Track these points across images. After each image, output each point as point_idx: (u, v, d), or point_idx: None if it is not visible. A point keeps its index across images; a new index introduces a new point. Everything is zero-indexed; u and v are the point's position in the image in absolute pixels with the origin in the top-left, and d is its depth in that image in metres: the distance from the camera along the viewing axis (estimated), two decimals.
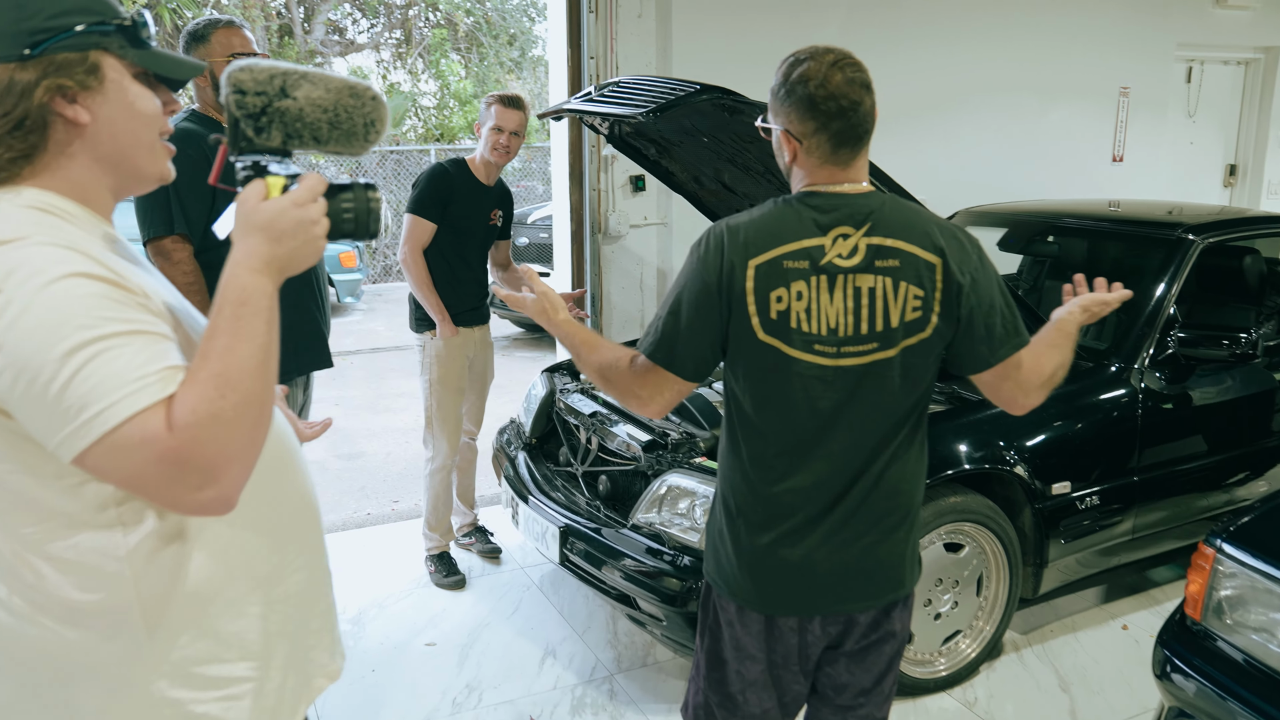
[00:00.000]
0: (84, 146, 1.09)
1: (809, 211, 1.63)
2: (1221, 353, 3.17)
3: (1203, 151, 6.71)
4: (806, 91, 1.60)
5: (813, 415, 1.63)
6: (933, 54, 5.31)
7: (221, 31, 2.61)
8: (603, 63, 4.39)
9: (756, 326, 1.61)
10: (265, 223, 1.05)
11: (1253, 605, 2.19)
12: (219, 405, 0.97)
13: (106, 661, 1.10)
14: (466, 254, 3.55)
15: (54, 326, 0.95)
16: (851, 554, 1.68)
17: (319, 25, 13.82)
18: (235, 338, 1.00)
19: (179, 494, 0.98)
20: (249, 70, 1.10)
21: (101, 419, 0.95)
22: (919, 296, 1.60)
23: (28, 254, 0.98)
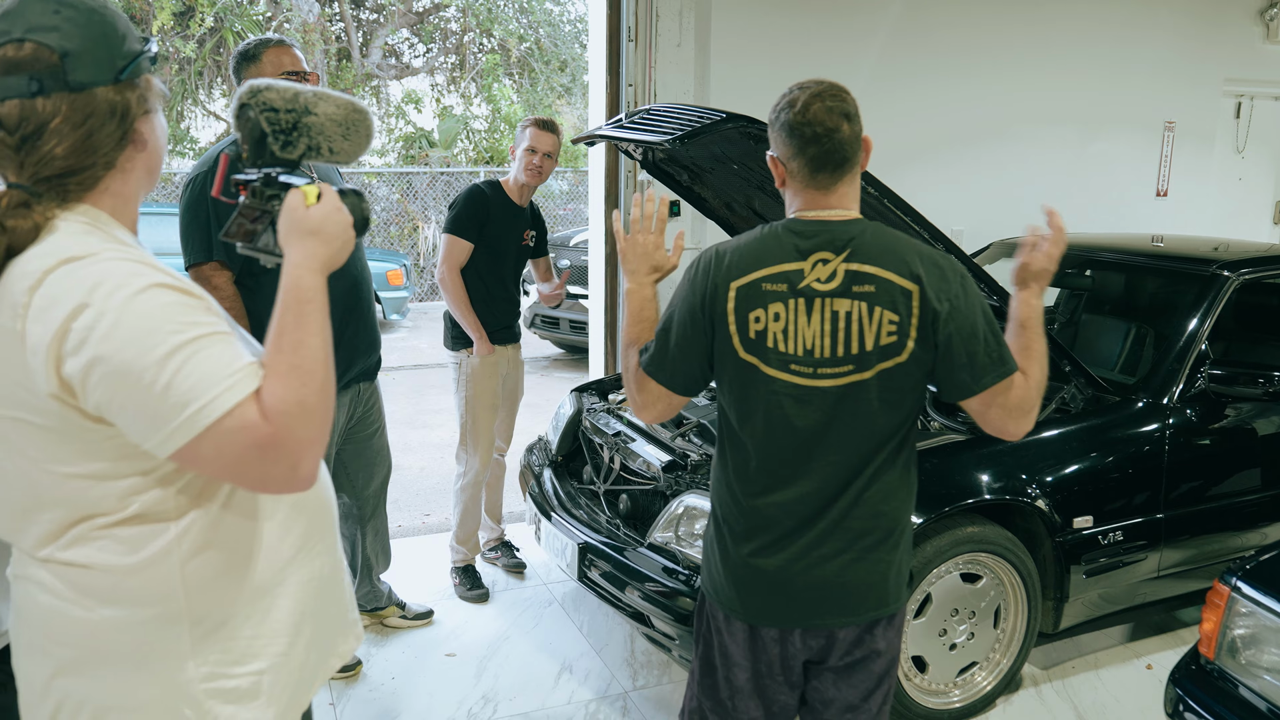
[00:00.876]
0: (140, 162, 1.20)
1: (791, 237, 1.71)
2: (1255, 390, 3.13)
3: (1253, 188, 6.61)
4: (788, 118, 1.70)
5: (791, 433, 1.70)
6: (972, 83, 5.31)
7: (273, 50, 2.71)
8: (641, 90, 4.47)
9: (737, 345, 1.70)
10: (317, 227, 1.19)
11: (1267, 645, 2.16)
12: (303, 393, 1.09)
13: (146, 640, 1.17)
14: (502, 273, 3.64)
15: (147, 334, 1.04)
16: (830, 570, 1.73)
17: (376, 50, 14.17)
18: (305, 332, 1.12)
19: (272, 476, 1.09)
20: (275, 90, 1.21)
21: (205, 413, 1.04)
22: (894, 321, 1.66)
23: (107, 269, 1.07)
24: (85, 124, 1.13)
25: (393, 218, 12.69)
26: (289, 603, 1.27)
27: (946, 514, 2.76)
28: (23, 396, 1.09)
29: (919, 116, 5.21)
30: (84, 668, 1.17)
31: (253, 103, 1.20)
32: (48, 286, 1.06)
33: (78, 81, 1.12)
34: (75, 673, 1.17)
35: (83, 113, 1.12)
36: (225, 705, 1.21)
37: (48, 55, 1.11)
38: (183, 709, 1.18)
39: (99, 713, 1.18)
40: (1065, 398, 3.19)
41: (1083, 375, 3.14)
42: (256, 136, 1.21)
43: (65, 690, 1.17)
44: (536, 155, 3.54)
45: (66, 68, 1.11)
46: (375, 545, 3.28)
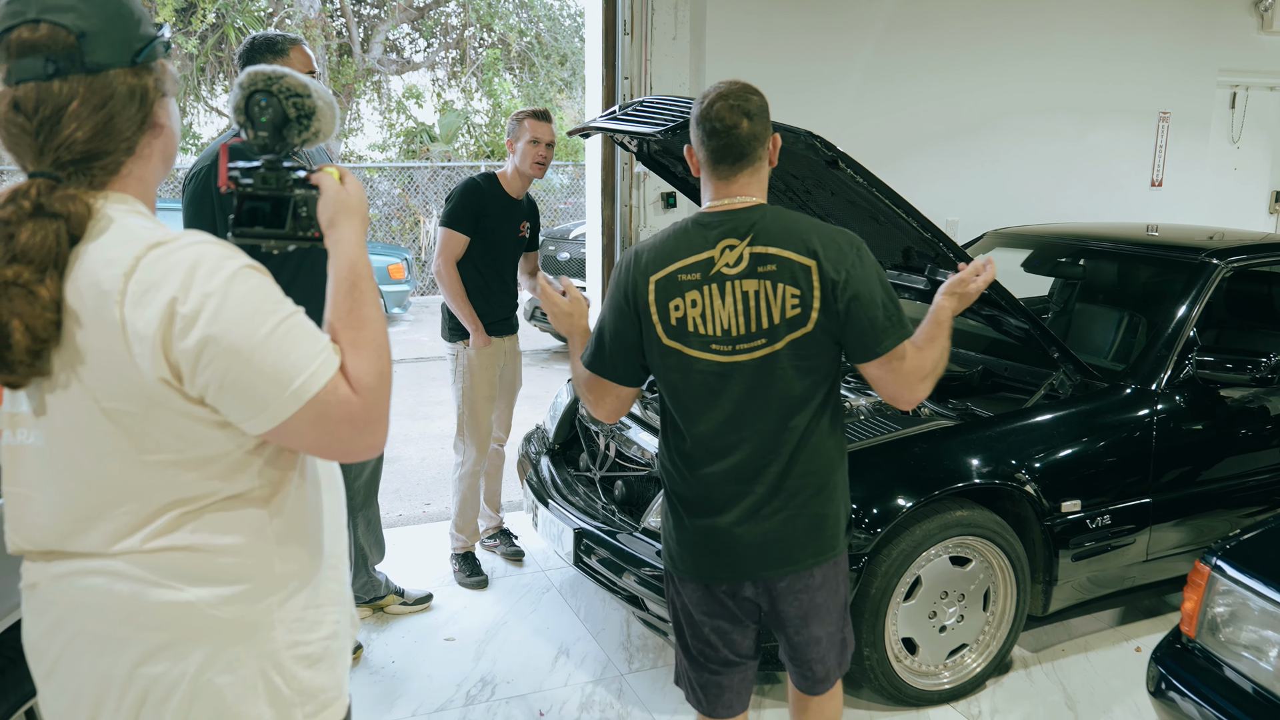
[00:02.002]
0: (158, 147, 1.20)
1: (700, 229, 1.90)
2: (1243, 376, 3.17)
3: (1248, 177, 6.64)
4: (697, 114, 1.91)
5: (718, 407, 1.89)
6: (968, 75, 5.35)
7: (298, 48, 2.75)
8: (637, 83, 4.51)
9: (660, 334, 1.89)
10: (357, 205, 1.24)
11: (1245, 623, 2.21)
12: (383, 365, 1.15)
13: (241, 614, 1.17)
14: (499, 265, 3.68)
15: (252, 314, 1.08)
16: (770, 526, 1.91)
17: (377, 45, 14.21)
18: (371, 307, 1.18)
19: (358, 444, 1.14)
20: (290, 76, 1.24)
21: (307, 388, 1.09)
22: (796, 295, 1.83)
23: (200, 251, 1.09)
24: (105, 107, 1.12)
25: (394, 212, 12.74)
26: (336, 573, 1.32)
27: (936, 498, 2.80)
28: (122, 385, 1.08)
29: (915, 109, 5.24)
30: (174, 649, 1.15)
31: (275, 89, 1.22)
32: (143, 271, 1.06)
33: (95, 63, 1.11)
34: (164, 657, 1.15)
35: (101, 95, 1.12)
36: (306, 670, 1.24)
37: (64, 36, 1.09)
38: (273, 676, 1.20)
39: (194, 691, 1.16)
40: (1054, 384, 3.23)
41: (1071, 362, 3.19)
42: (279, 121, 1.22)
43: (154, 675, 1.15)
44: (540, 145, 3.58)
45: (83, 49, 1.10)
46: (368, 536, 3.33)
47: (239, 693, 1.18)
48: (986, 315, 3.36)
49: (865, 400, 3.22)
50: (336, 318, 1.16)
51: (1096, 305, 4.01)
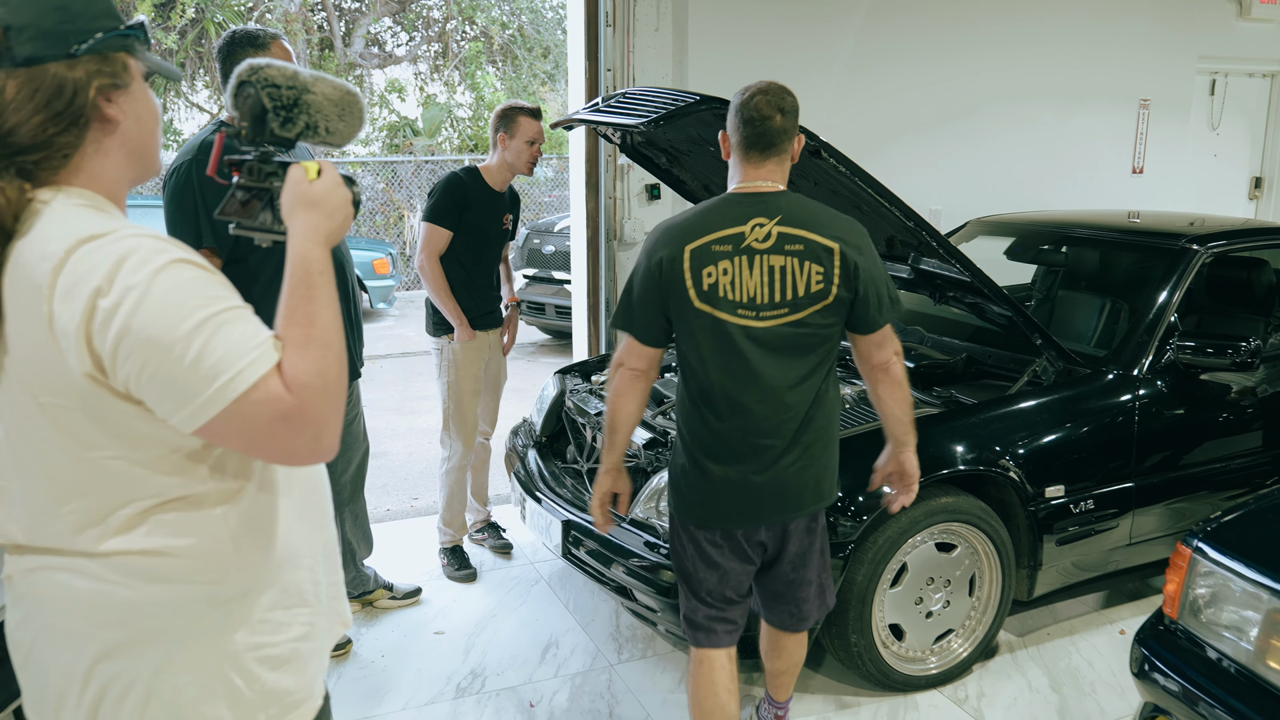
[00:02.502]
0: (116, 143, 1.17)
1: (732, 206, 2.15)
2: (1223, 361, 3.20)
3: (1228, 164, 6.69)
4: (737, 104, 2.18)
5: (744, 365, 2.12)
6: (949, 64, 5.37)
7: (278, 43, 2.73)
8: (620, 75, 4.51)
9: (693, 297, 2.11)
10: (320, 199, 1.21)
11: (1226, 604, 2.23)
12: (324, 364, 1.10)
13: (199, 614, 1.18)
14: (482, 259, 3.67)
15: (175, 307, 1.05)
16: (786, 474, 2.18)
17: (358, 39, 14.13)
18: (318, 304, 1.14)
19: (296, 446, 1.10)
20: (275, 68, 1.23)
21: (232, 386, 1.05)
22: (820, 272, 2.11)
23: (130, 244, 1.07)
24: (34, 99, 1.10)
25: (378, 207, 12.69)
26: (309, 573, 1.31)
27: (921, 485, 2.82)
28: (54, 380, 1.09)
29: (896, 98, 5.26)
30: (132, 647, 1.16)
31: (254, 79, 1.21)
32: (72, 265, 1.06)
33: (24, 56, 1.09)
34: (122, 654, 1.16)
35: (31, 87, 1.10)
36: (270, 672, 1.24)
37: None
38: (233, 678, 1.21)
39: (151, 690, 1.18)
40: (1037, 370, 3.26)
41: (1054, 348, 3.21)
42: (257, 113, 1.22)
43: (112, 673, 1.17)
44: (535, 145, 3.59)
45: (10, 41, 1.08)
46: (355, 531, 3.33)
47: (196, 693, 1.19)
48: (970, 303, 3.38)
49: (850, 389, 3.24)
50: (284, 313, 1.13)
51: (1079, 292, 4.04)
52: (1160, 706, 2.28)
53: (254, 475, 1.22)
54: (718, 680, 2.32)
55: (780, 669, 2.56)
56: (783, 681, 2.60)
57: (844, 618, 2.81)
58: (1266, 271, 3.97)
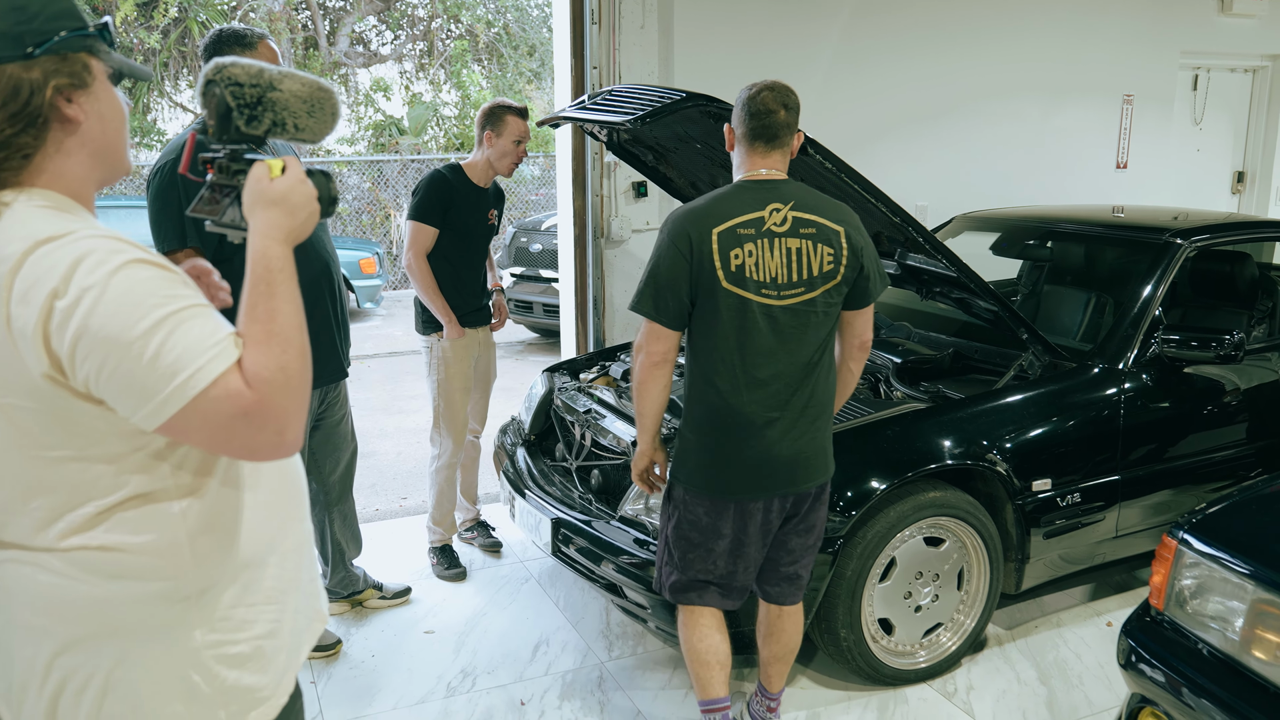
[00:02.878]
0: (78, 144, 1.17)
1: (748, 193, 2.30)
2: (1207, 354, 3.22)
3: (1211, 158, 6.73)
4: (744, 98, 2.34)
5: (763, 343, 2.26)
6: (934, 61, 5.38)
7: (265, 42, 2.71)
8: (605, 73, 4.51)
9: (722, 278, 2.24)
10: (281, 197, 1.21)
11: (1211, 595, 2.25)
12: (284, 359, 1.11)
13: (157, 611, 1.19)
14: (469, 255, 3.67)
15: (132, 307, 1.05)
16: (798, 446, 2.32)
17: (343, 38, 14.07)
18: (279, 300, 1.14)
19: (259, 442, 1.11)
20: (239, 66, 1.24)
21: (192, 383, 1.06)
22: (831, 254, 2.29)
23: (86, 245, 1.07)
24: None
25: (364, 206, 12.64)
26: (277, 570, 1.31)
27: (909, 480, 2.83)
28: (13, 381, 1.09)
29: (881, 95, 5.27)
30: (92, 642, 1.18)
31: (218, 78, 1.23)
32: (28, 268, 1.06)
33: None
34: (82, 648, 1.18)
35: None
36: (230, 670, 1.25)
37: None
38: (191, 675, 1.22)
39: (108, 685, 1.20)
40: (1023, 364, 3.27)
41: (1039, 343, 3.23)
42: (222, 111, 1.23)
43: (71, 666, 1.19)
44: (521, 145, 3.58)
45: None
46: (344, 531, 3.32)
47: (152, 689, 1.21)
48: (956, 298, 3.40)
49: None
50: (245, 310, 1.14)
51: (1064, 287, 4.06)
52: (1147, 697, 2.30)
53: (217, 472, 1.22)
54: (708, 623, 2.46)
55: (776, 654, 2.59)
56: (777, 670, 2.62)
57: (833, 612, 2.82)
58: (1249, 265, 4.00)
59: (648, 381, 2.34)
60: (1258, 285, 3.99)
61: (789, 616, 2.57)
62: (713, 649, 2.47)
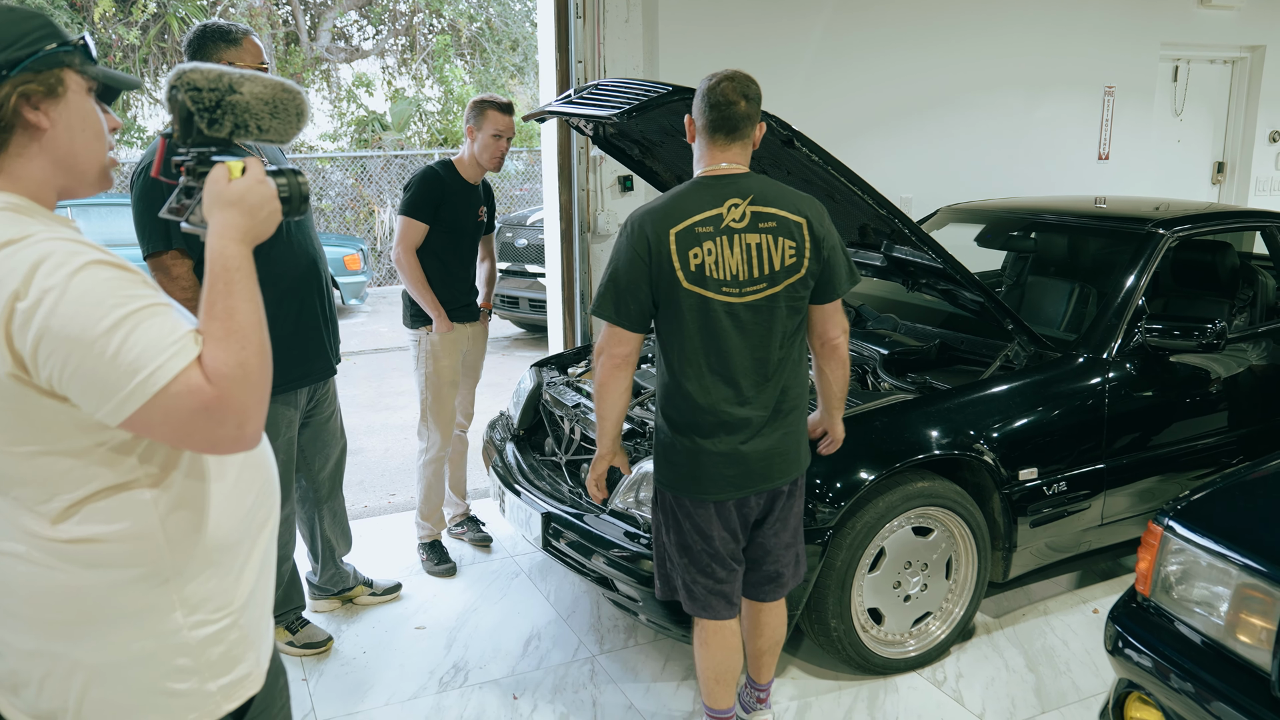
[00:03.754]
0: (41, 149, 1.20)
1: (705, 190, 2.25)
2: (1189, 343, 3.25)
3: (1191, 149, 6.79)
4: (703, 89, 2.28)
5: (728, 342, 2.23)
6: (916, 55, 5.40)
7: (250, 39, 2.69)
8: (590, 67, 4.50)
9: (682, 278, 2.21)
10: (238, 198, 1.23)
11: (1197, 580, 2.28)
12: (243, 355, 1.14)
13: (136, 597, 1.23)
14: (459, 251, 3.66)
15: (92, 306, 1.08)
16: (771, 443, 2.31)
17: (324, 33, 13.99)
18: (237, 299, 1.17)
19: (219, 436, 1.14)
20: (198, 70, 1.27)
21: (153, 380, 1.09)
22: (793, 247, 2.25)
23: (45, 248, 1.10)
24: None
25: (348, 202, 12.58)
26: (250, 552, 1.35)
27: (897, 470, 2.85)
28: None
29: (865, 89, 5.29)
30: (72, 631, 1.21)
31: (179, 83, 1.26)
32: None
33: None
34: (63, 637, 1.21)
35: None
36: (213, 648, 1.29)
37: None
38: (176, 658, 1.26)
39: (93, 676, 1.23)
40: (1009, 355, 3.30)
41: (1025, 333, 3.25)
42: (184, 116, 1.26)
43: (55, 654, 1.22)
44: (503, 139, 3.57)
45: None
46: (334, 528, 3.31)
47: (138, 675, 1.24)
48: (943, 290, 3.42)
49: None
50: (204, 308, 1.17)
51: (1048, 277, 4.09)
52: (1135, 682, 2.33)
53: (182, 464, 1.25)
54: (731, 642, 2.45)
55: (762, 648, 2.60)
56: (765, 662, 2.63)
57: (823, 603, 2.84)
58: (1230, 254, 4.04)
59: (609, 383, 2.31)
60: (1238, 274, 4.03)
61: (770, 612, 2.57)
62: (733, 668, 2.47)
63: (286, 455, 2.94)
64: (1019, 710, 2.87)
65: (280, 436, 2.89)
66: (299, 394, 2.96)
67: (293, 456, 2.99)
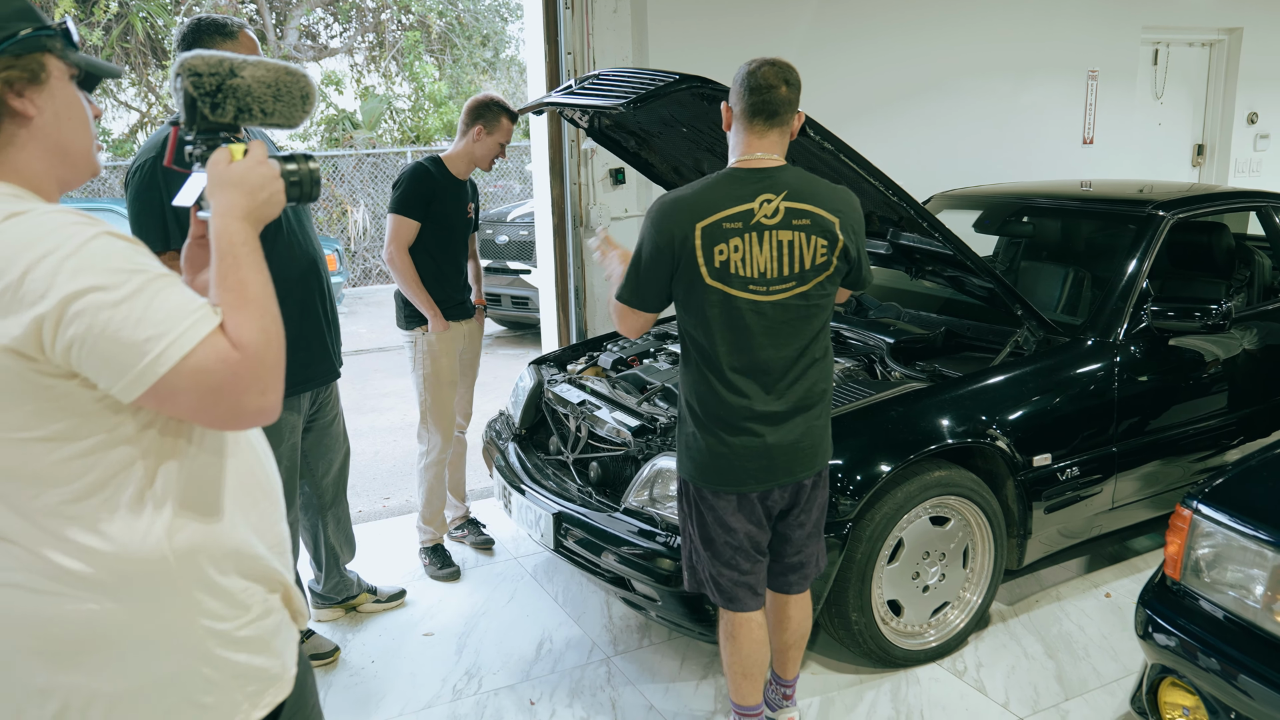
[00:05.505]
0: (31, 138, 1.17)
1: (737, 184, 2.19)
2: (1194, 324, 3.25)
3: (1171, 132, 6.82)
4: (744, 74, 2.22)
5: (753, 339, 2.20)
6: (903, 43, 5.38)
7: (245, 32, 2.60)
8: (580, 58, 4.43)
9: (705, 274, 2.17)
10: (239, 179, 1.23)
11: (1229, 563, 2.26)
12: (263, 321, 1.14)
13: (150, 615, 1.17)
14: (451, 248, 3.59)
15: (113, 272, 1.06)
16: (796, 437, 2.28)
17: (291, 31, 13.77)
18: (246, 271, 1.17)
19: (245, 406, 1.12)
20: (200, 57, 1.27)
21: (180, 344, 1.07)
22: (824, 246, 2.21)
23: (55, 219, 1.08)
24: None
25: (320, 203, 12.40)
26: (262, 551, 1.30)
27: (913, 460, 2.81)
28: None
29: (854, 76, 5.25)
30: (85, 659, 1.15)
31: (181, 70, 1.27)
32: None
33: None
34: (76, 668, 1.15)
35: None
36: (238, 654, 1.25)
37: None
38: (201, 669, 1.21)
39: (113, 700, 1.17)
40: (1019, 340, 3.27)
41: (1034, 318, 3.23)
42: (187, 102, 1.27)
43: (70, 687, 1.16)
44: (504, 147, 3.56)
45: None
46: (338, 534, 3.23)
47: (166, 691, 1.19)
48: (950, 276, 3.39)
49: (838, 367, 3.22)
50: (215, 283, 1.17)
51: (1044, 262, 4.08)
52: (1169, 667, 2.30)
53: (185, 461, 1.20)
54: (758, 635, 2.42)
55: (788, 641, 2.56)
56: (791, 657, 2.59)
57: (844, 596, 2.80)
58: (1226, 235, 4.05)
59: None
60: (1234, 255, 4.04)
61: (795, 604, 2.53)
62: (761, 662, 2.44)
63: (290, 461, 2.85)
64: (1043, 698, 2.85)
65: (284, 443, 2.80)
66: (302, 398, 2.87)
67: (296, 463, 2.90)
